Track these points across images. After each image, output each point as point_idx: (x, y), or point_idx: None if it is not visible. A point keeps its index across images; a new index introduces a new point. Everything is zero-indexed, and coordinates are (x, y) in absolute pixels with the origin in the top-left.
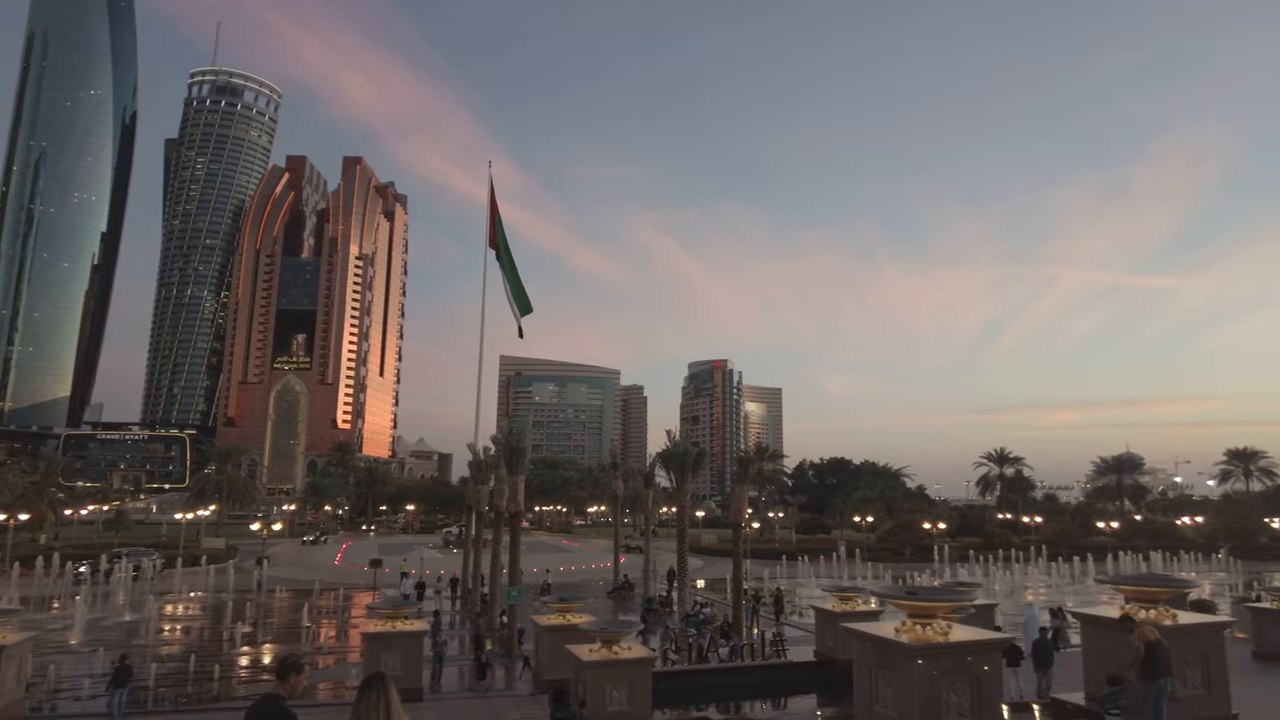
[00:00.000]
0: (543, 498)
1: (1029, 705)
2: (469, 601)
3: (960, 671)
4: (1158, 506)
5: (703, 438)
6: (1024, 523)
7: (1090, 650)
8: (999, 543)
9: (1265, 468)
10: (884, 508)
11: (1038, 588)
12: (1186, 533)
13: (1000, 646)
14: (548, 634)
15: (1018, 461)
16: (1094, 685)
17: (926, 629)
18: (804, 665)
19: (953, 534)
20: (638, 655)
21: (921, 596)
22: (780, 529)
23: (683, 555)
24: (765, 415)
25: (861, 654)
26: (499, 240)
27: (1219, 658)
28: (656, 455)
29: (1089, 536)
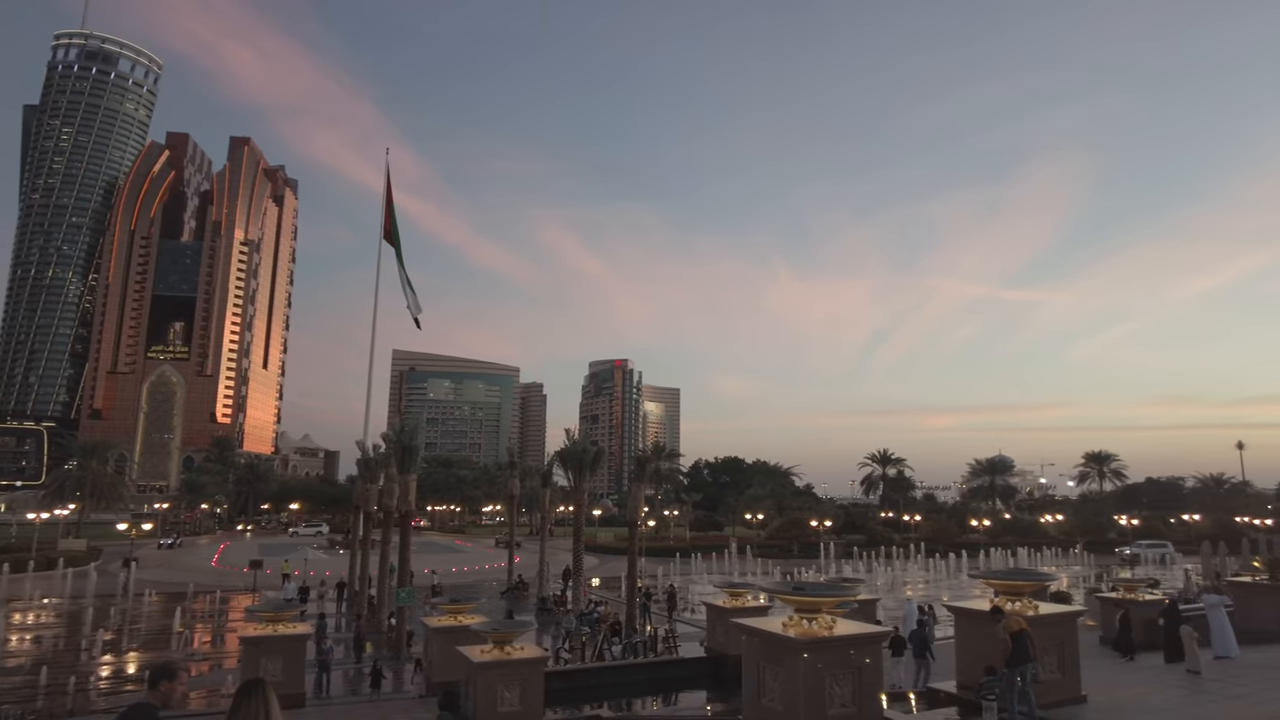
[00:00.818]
0: (436, 497)
1: (906, 695)
2: (356, 604)
3: (843, 664)
4: (1025, 506)
5: (602, 437)
6: (905, 521)
7: (963, 641)
8: (881, 540)
9: (1116, 469)
10: (774, 506)
11: (917, 583)
12: (1049, 530)
13: (881, 639)
14: (438, 635)
15: (899, 462)
16: (966, 674)
17: (812, 623)
18: (695, 661)
19: (838, 531)
20: (530, 655)
21: (808, 592)
22: (675, 527)
23: (578, 554)
24: (664, 415)
25: (750, 648)
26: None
27: (1072, 644)
28: (555, 454)
29: (964, 534)
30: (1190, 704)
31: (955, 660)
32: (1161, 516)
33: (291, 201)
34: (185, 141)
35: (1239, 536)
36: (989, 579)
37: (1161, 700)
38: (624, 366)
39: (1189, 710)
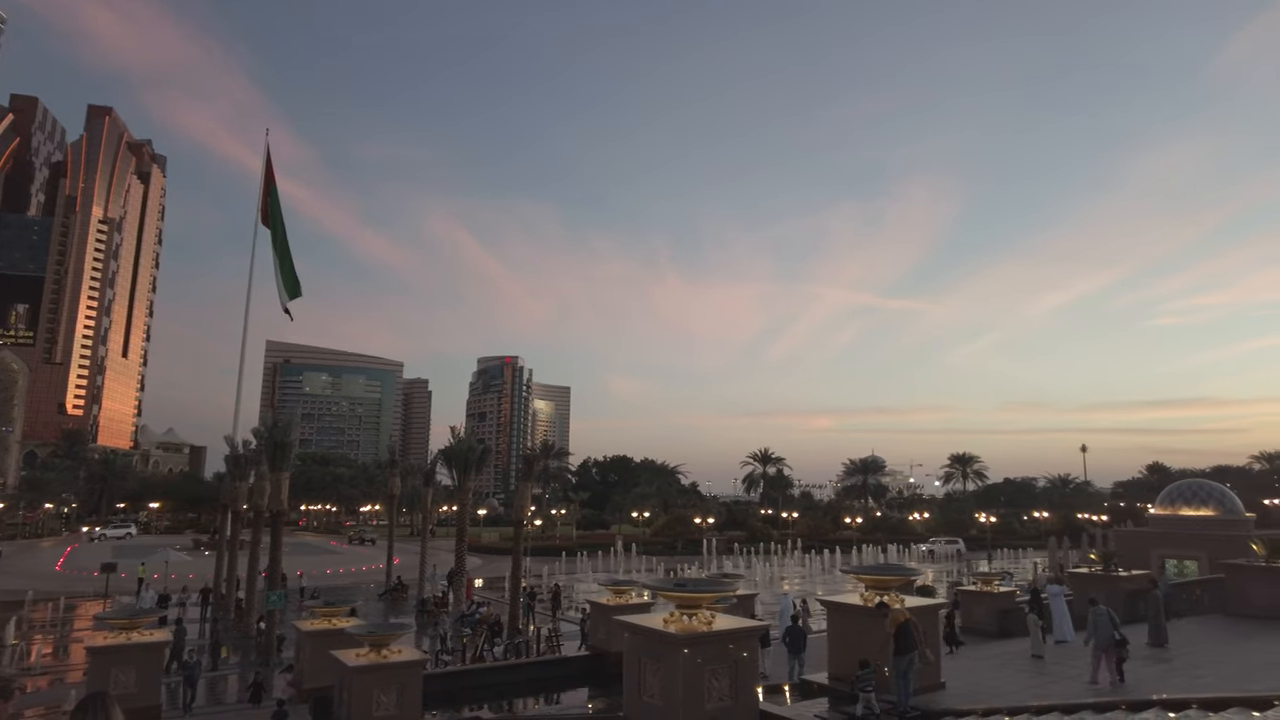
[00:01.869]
0: (310, 496)
1: (781, 687)
2: (222, 608)
3: (722, 658)
4: (895, 504)
5: (489, 435)
6: (783, 518)
7: (835, 633)
8: (761, 536)
9: (978, 470)
10: (660, 504)
11: (793, 578)
12: (916, 527)
13: (757, 634)
14: (311, 640)
15: (779, 462)
16: (838, 665)
17: (692, 619)
18: (578, 659)
19: (720, 528)
20: (408, 658)
21: (688, 588)
22: (562, 526)
23: (461, 554)
24: (553, 413)
25: (631, 645)
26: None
27: (935, 635)
28: (439, 452)
29: (838, 531)
30: (1033, 684)
31: (828, 652)
32: (1016, 514)
33: (159, 179)
34: (34, 106)
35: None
36: (859, 574)
37: (1009, 682)
38: (514, 364)
39: (1032, 690)
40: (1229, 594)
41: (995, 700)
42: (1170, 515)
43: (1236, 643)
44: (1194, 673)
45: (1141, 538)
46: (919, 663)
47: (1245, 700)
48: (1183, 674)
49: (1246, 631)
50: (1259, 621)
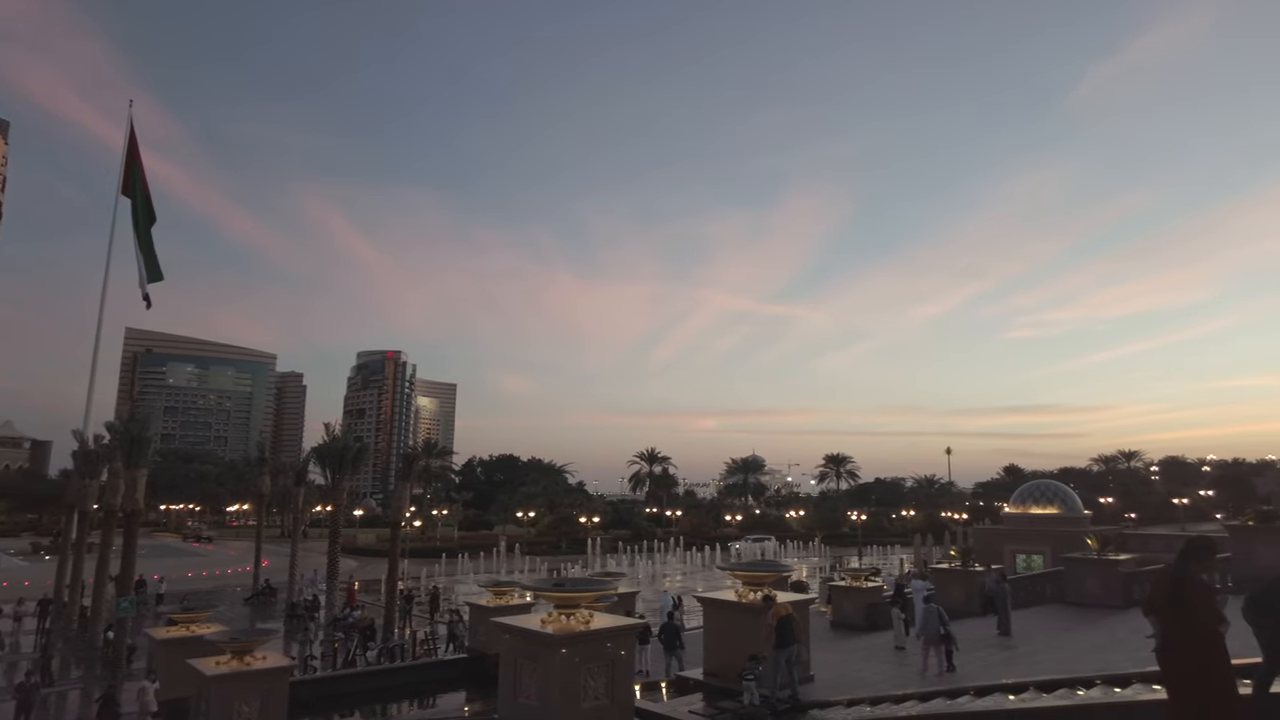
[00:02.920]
0: (172, 495)
1: (658, 684)
2: (64, 618)
3: (599, 657)
4: (773, 502)
5: (369, 432)
6: (667, 516)
7: (710, 629)
8: (645, 535)
9: (851, 470)
10: (546, 503)
11: (675, 575)
12: (793, 524)
13: (635, 631)
14: (166, 648)
15: (665, 461)
16: (714, 661)
17: (570, 619)
18: (456, 662)
19: (606, 527)
20: (273, 664)
21: (567, 588)
22: (443, 526)
23: (334, 556)
24: (438, 411)
25: (509, 646)
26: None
27: (805, 629)
28: (312, 450)
29: (719, 528)
30: (895, 675)
31: (704, 648)
32: (885, 512)
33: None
34: None
35: (943, 529)
36: (735, 570)
37: (874, 673)
38: (396, 358)
39: (894, 680)
40: (1067, 585)
41: (860, 690)
42: (1021, 514)
43: (1072, 629)
44: (1034, 658)
45: (996, 535)
46: (796, 657)
47: (1072, 680)
48: (1025, 659)
49: (1081, 618)
50: (1092, 609)
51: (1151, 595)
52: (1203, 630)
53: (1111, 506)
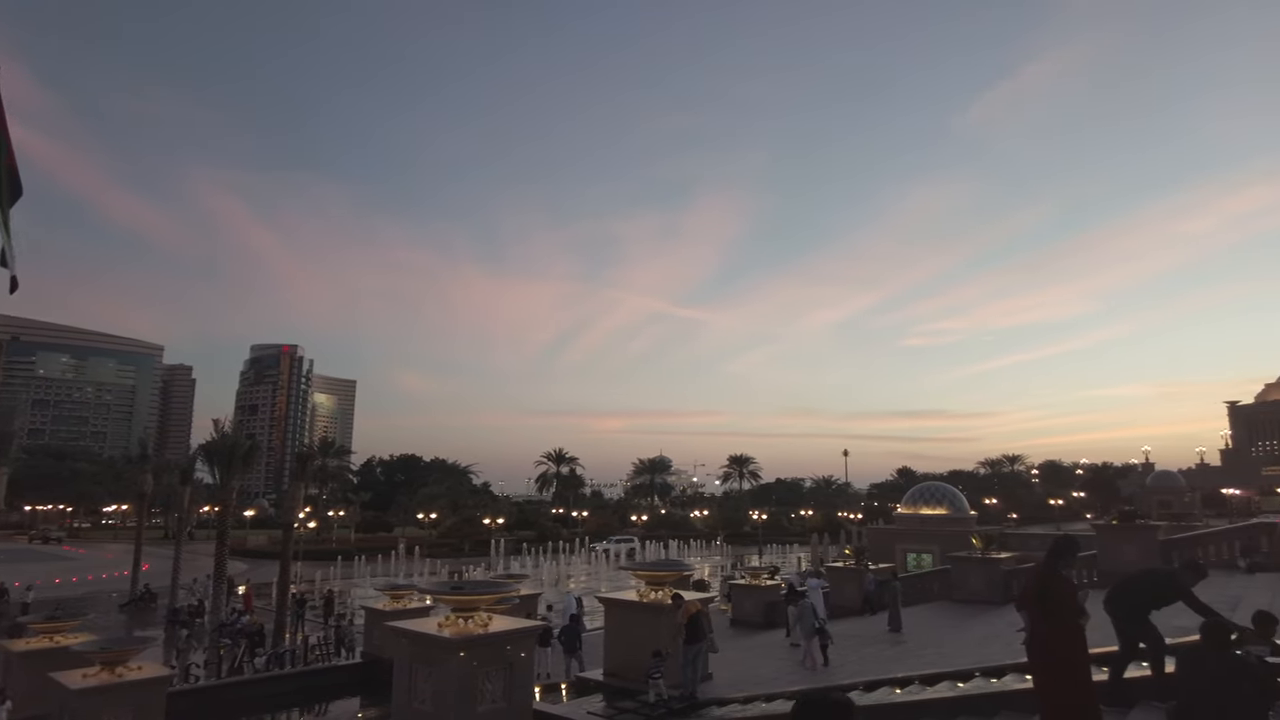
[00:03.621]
0: (40, 495)
1: (558, 686)
2: None
3: (497, 660)
4: (679, 502)
5: (262, 429)
6: (574, 517)
7: (611, 630)
8: (551, 535)
9: (754, 471)
10: (449, 504)
11: (580, 576)
12: (696, 524)
13: (535, 634)
14: (26, 660)
15: (573, 461)
16: (614, 662)
17: (468, 622)
18: (350, 667)
19: (511, 528)
20: (149, 675)
21: (466, 590)
22: (339, 528)
23: (221, 558)
24: (336, 408)
25: (403, 651)
26: None
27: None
28: (200, 447)
29: (625, 528)
30: (791, 671)
31: (604, 648)
32: (785, 512)
33: None
34: None
35: (839, 529)
36: (637, 570)
37: (770, 670)
38: (293, 353)
39: (790, 676)
40: (953, 582)
41: (757, 687)
42: (912, 514)
43: (957, 624)
44: (921, 652)
45: (889, 534)
46: (707, 651)
47: (953, 674)
48: (913, 655)
49: (965, 614)
50: (976, 605)
51: (1023, 591)
52: (1065, 623)
53: (996, 507)
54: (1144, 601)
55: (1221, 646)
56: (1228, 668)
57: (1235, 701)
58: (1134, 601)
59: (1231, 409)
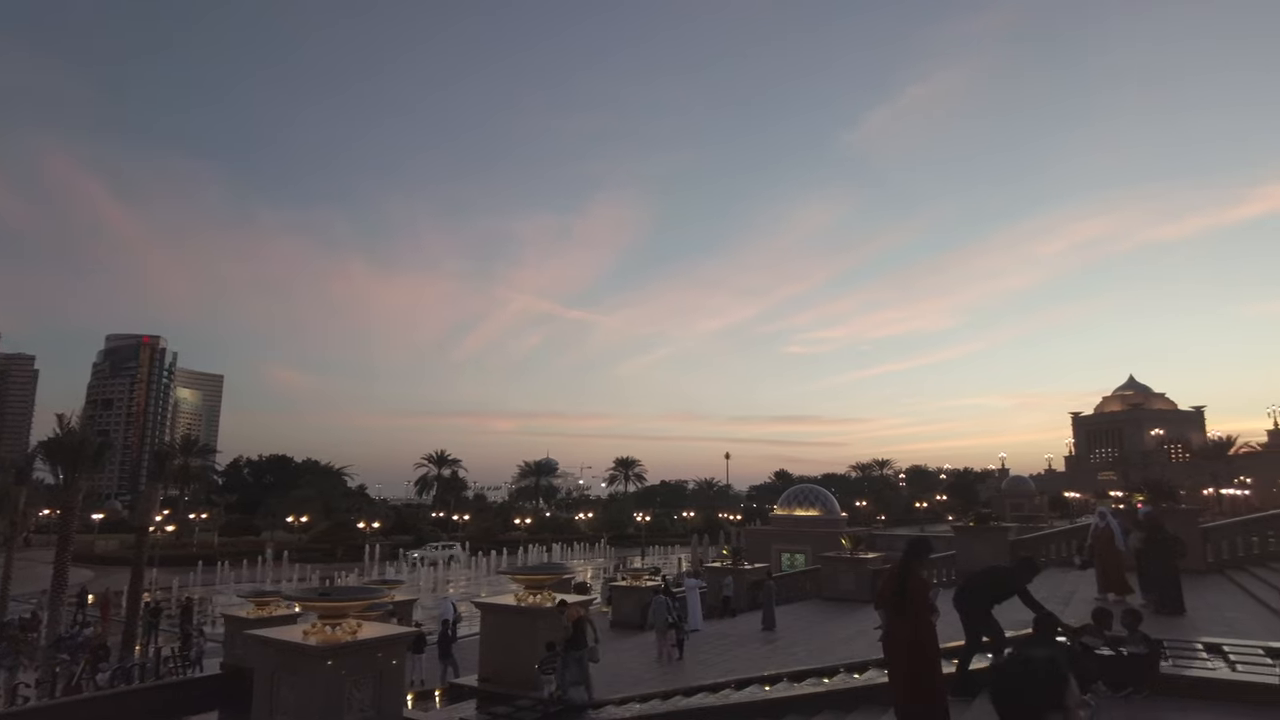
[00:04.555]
0: None
1: (432, 692)
2: None
3: (366, 668)
4: (564, 505)
5: (117, 426)
6: (455, 520)
7: (487, 635)
8: (430, 540)
9: (639, 473)
10: (321, 507)
11: (459, 580)
12: (581, 526)
13: (406, 640)
14: None
15: (455, 463)
16: (489, 667)
17: (336, 629)
18: (208, 679)
19: (387, 533)
20: None
21: (334, 596)
22: (201, 532)
23: (62, 566)
24: (201, 404)
25: (266, 660)
26: None
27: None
28: (40, 444)
29: (508, 532)
30: (666, 670)
31: (480, 654)
32: (669, 514)
33: None
34: None
35: (719, 530)
36: (515, 574)
37: (646, 670)
38: (154, 344)
39: (664, 675)
40: (824, 581)
41: (632, 688)
42: (787, 515)
43: (825, 623)
44: (791, 650)
45: (765, 535)
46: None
47: (819, 670)
48: (783, 652)
49: (835, 612)
50: (845, 604)
51: (880, 590)
52: (918, 619)
53: (866, 509)
54: (986, 597)
55: (1050, 638)
56: None
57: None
58: (978, 598)
59: (1075, 419)
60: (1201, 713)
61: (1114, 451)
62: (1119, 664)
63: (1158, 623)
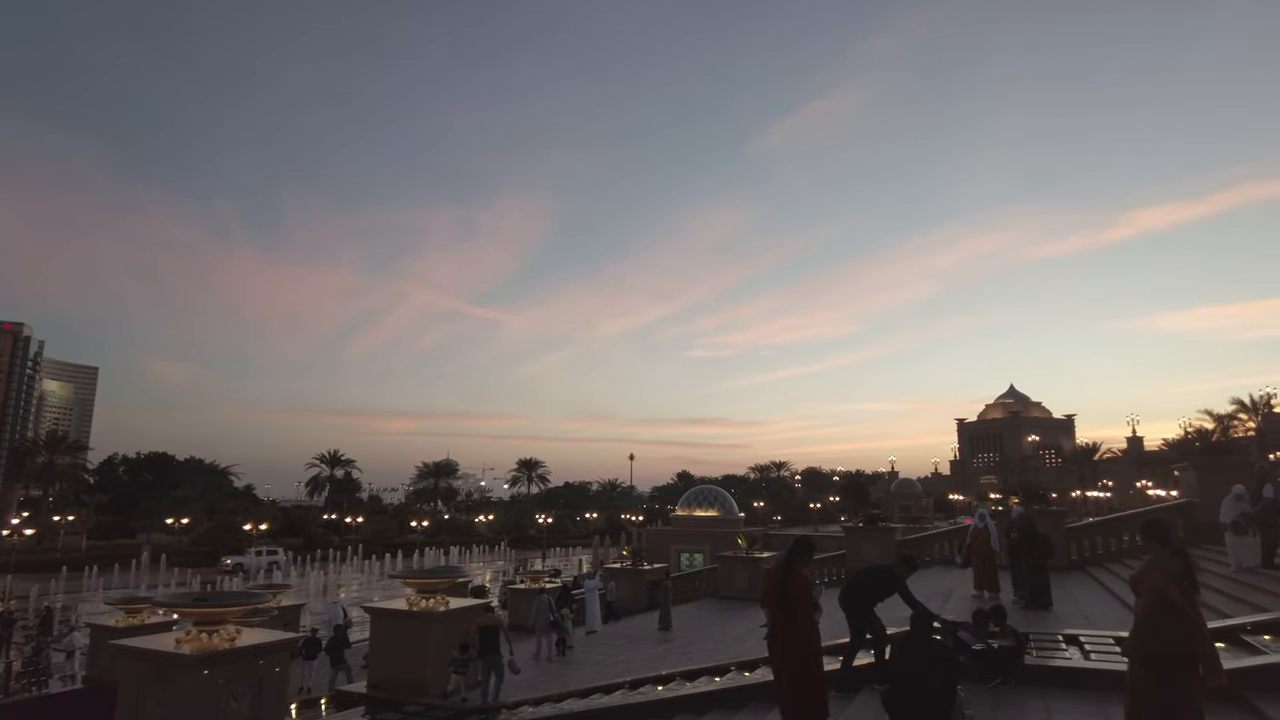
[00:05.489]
0: None
1: (318, 700)
2: None
3: (246, 676)
4: (463, 507)
5: None
6: (348, 523)
7: (377, 640)
8: (320, 543)
9: (542, 475)
10: (204, 508)
11: (351, 585)
12: (481, 529)
13: (288, 646)
14: None
15: (349, 464)
16: (379, 673)
17: (213, 636)
18: (68, 694)
19: (275, 535)
20: None
21: (212, 602)
22: (68, 534)
23: None
24: (72, 398)
25: (133, 672)
26: None
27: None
28: None
29: (404, 535)
30: (563, 671)
31: (369, 660)
32: (571, 515)
33: None
34: None
35: (621, 531)
36: (406, 578)
37: (540, 674)
38: (17, 331)
39: (562, 676)
40: (720, 580)
41: (525, 692)
42: (687, 515)
43: (720, 621)
44: (686, 649)
45: (665, 535)
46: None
47: (711, 669)
48: (678, 651)
49: (730, 611)
50: (740, 602)
51: (764, 589)
52: (800, 617)
53: (763, 510)
54: (869, 595)
55: (925, 634)
56: (928, 653)
57: (930, 682)
58: (861, 595)
59: (960, 425)
60: (1058, 699)
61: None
62: (989, 657)
63: (1027, 617)
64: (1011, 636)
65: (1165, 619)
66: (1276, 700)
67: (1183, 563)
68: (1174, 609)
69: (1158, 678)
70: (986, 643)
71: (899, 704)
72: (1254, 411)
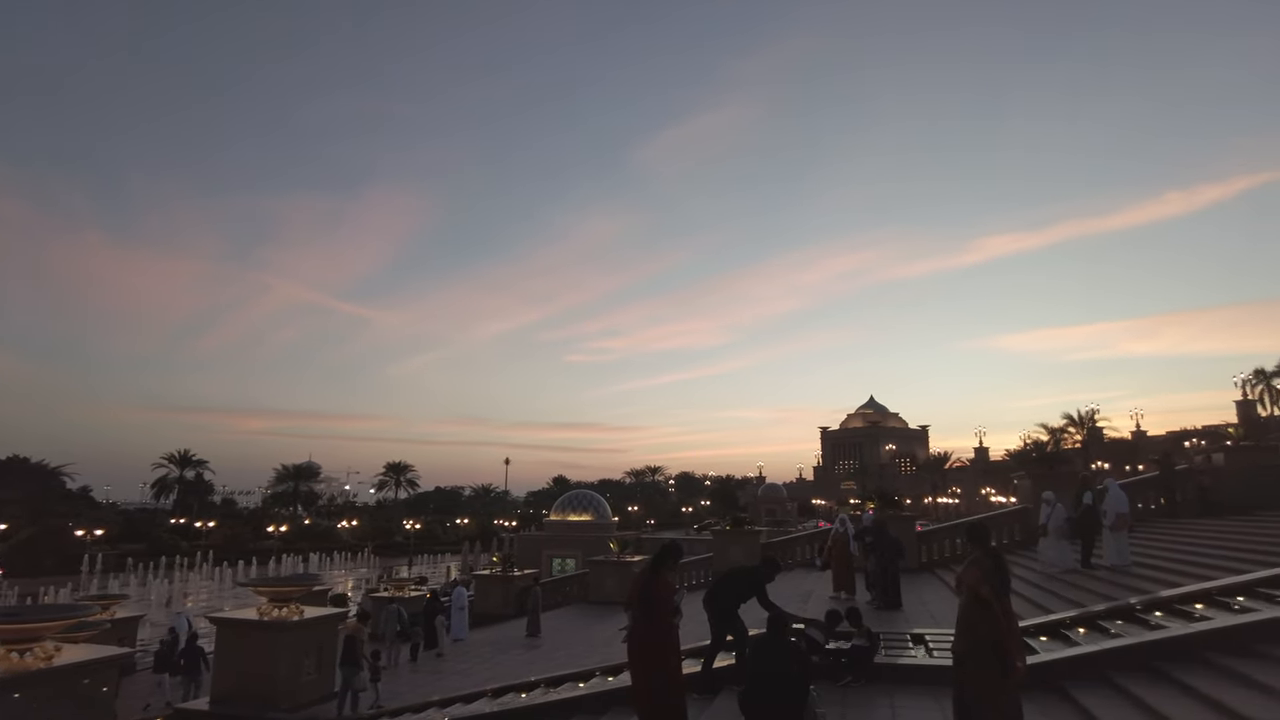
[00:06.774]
0: None
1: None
2: None
3: (66, 697)
4: (325, 511)
5: None
6: (198, 527)
7: (223, 651)
8: (166, 549)
9: (411, 479)
10: (28, 512)
11: (200, 594)
12: (343, 535)
13: (117, 663)
14: None
15: (201, 465)
16: (222, 687)
17: (26, 655)
18: None
19: (113, 540)
20: None
21: (25, 617)
22: None
23: None
24: None
25: None
26: None
27: (331, 645)
28: None
29: (259, 540)
30: (434, 679)
31: (214, 674)
32: (442, 521)
33: None
34: None
35: (494, 536)
36: (258, 586)
37: (411, 682)
38: None
39: (432, 684)
40: (591, 585)
41: (399, 700)
42: (561, 520)
43: (588, 626)
44: (553, 655)
45: (537, 540)
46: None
47: (576, 675)
48: (545, 658)
49: (600, 615)
50: (611, 606)
51: (629, 593)
52: (660, 620)
53: (637, 514)
54: (732, 597)
55: (781, 635)
56: (782, 652)
57: (784, 680)
58: (724, 597)
59: (823, 433)
60: (902, 695)
61: (855, 463)
62: (841, 656)
63: (879, 617)
64: (866, 636)
65: (979, 614)
66: (1088, 687)
67: (995, 562)
68: (985, 605)
69: (975, 669)
70: (836, 641)
71: (754, 704)
72: (1080, 425)
